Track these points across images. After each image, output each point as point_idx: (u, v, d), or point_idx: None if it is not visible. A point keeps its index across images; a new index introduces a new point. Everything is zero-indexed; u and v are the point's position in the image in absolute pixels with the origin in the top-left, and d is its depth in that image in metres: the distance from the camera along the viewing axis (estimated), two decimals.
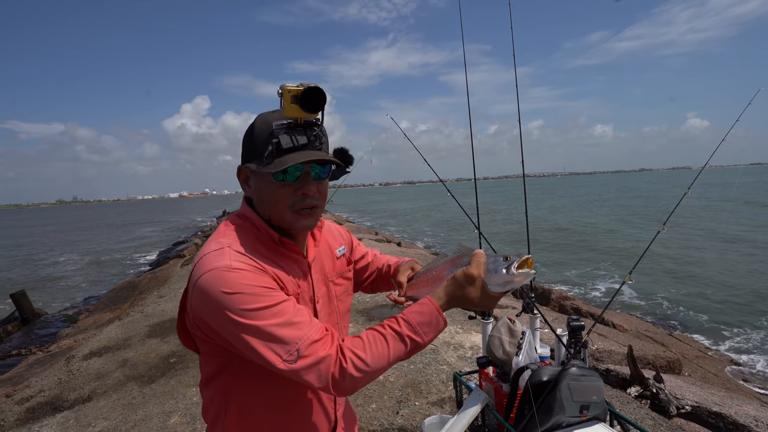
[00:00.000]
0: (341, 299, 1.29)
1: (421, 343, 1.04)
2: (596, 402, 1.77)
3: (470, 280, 1.07)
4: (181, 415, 3.78)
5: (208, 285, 0.95)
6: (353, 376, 0.98)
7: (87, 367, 5.49)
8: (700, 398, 3.92)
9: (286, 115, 1.02)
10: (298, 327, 0.97)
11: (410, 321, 1.03)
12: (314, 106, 1.02)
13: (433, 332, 1.05)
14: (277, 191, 1.06)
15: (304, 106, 1.01)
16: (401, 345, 1.02)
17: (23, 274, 22.59)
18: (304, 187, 1.07)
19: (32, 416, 4.33)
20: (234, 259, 0.99)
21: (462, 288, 1.07)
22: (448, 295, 1.08)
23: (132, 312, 8.24)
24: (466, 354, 4.55)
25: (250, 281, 0.96)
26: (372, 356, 0.99)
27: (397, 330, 1.03)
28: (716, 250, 17.69)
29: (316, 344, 0.97)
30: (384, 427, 3.31)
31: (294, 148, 1.03)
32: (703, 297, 11.63)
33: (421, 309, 1.05)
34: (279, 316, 0.96)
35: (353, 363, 0.98)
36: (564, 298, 9.40)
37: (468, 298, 1.07)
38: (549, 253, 19.03)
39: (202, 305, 0.98)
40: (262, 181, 1.08)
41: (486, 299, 1.08)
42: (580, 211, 39.05)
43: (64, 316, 11.89)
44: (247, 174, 1.12)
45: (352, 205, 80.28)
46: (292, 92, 1.00)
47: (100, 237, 43.46)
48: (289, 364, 0.95)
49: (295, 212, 1.08)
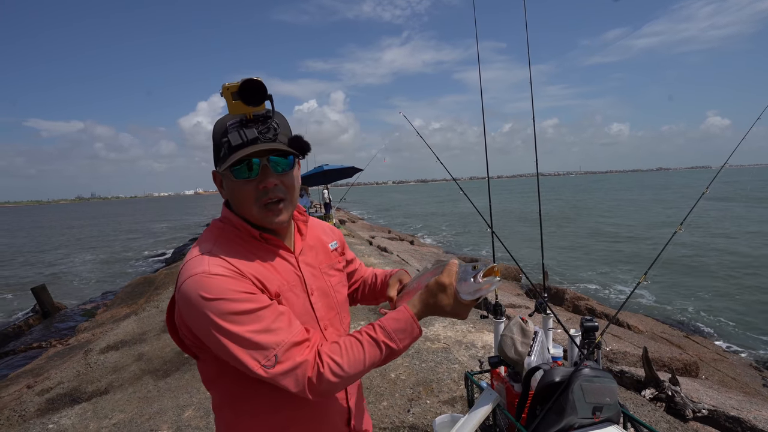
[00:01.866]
0: (337, 290, 1.29)
1: (396, 349, 1.05)
2: (609, 404, 1.75)
3: (442, 287, 1.08)
4: (194, 409, 3.84)
5: (189, 291, 0.97)
6: (330, 380, 1.00)
7: (104, 361, 5.60)
8: (717, 402, 3.86)
9: (232, 113, 1.03)
10: (276, 333, 0.99)
11: (386, 327, 1.05)
12: (255, 98, 1.01)
13: (408, 339, 1.06)
14: (241, 189, 1.07)
15: (246, 100, 1.00)
16: (377, 351, 1.04)
17: (43, 269, 23.08)
18: (264, 181, 1.06)
19: (52, 407, 4.44)
20: (213, 264, 1.00)
21: (434, 296, 1.09)
22: (422, 303, 1.09)
23: (148, 307, 8.38)
24: (478, 353, 4.53)
25: (230, 286, 0.97)
26: (348, 361, 1.01)
27: (374, 336, 1.04)
28: (733, 251, 17.33)
29: (293, 349, 0.99)
30: (395, 425, 3.32)
31: (243, 144, 1.03)
32: (721, 299, 11.41)
33: (397, 316, 1.07)
34: (257, 322, 0.98)
35: (330, 368, 1.00)
36: (578, 299, 9.32)
37: (440, 305, 1.08)
38: (571, 252, 18.85)
39: (185, 311, 1.00)
40: (228, 181, 1.09)
41: (457, 307, 1.09)
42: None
43: (82, 311, 12.13)
44: (219, 178, 1.14)
45: (365, 203, 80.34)
46: (231, 89, 0.99)
47: (118, 233, 44.18)
48: (267, 369, 0.97)
49: (261, 207, 1.08)
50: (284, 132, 1.10)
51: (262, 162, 1.06)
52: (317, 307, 1.19)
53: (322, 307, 1.21)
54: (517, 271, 11.65)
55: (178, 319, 1.08)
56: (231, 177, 1.06)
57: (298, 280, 1.17)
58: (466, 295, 1.07)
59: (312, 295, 1.19)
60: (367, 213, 50.61)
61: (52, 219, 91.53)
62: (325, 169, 15.14)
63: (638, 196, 59.42)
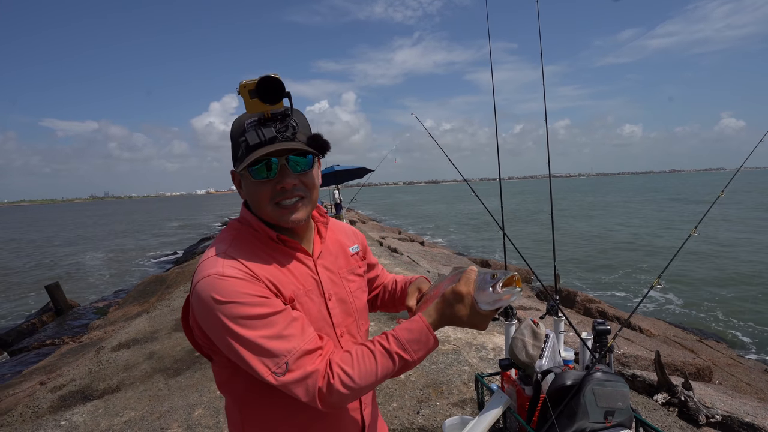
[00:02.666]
0: (356, 296, 1.25)
1: (410, 360, 1.01)
2: (621, 408, 1.73)
3: (459, 297, 1.03)
4: (205, 408, 3.86)
5: (202, 292, 0.96)
6: (340, 392, 0.97)
7: (116, 359, 5.66)
8: (731, 408, 3.79)
9: (250, 112, 1.01)
10: (288, 339, 0.97)
11: (399, 338, 1.01)
12: (273, 97, 0.99)
13: (423, 350, 1.02)
14: (258, 189, 1.05)
15: (263, 98, 0.98)
16: (389, 362, 1.00)
17: (56, 266, 23.41)
18: (282, 181, 1.04)
19: (64, 404, 4.49)
20: (227, 266, 0.99)
21: (451, 306, 1.04)
22: (438, 313, 1.05)
23: (159, 306, 8.45)
24: (488, 355, 4.51)
25: (243, 289, 0.96)
26: (360, 373, 0.98)
27: (386, 347, 1.01)
28: (750, 253, 17.06)
29: (304, 358, 0.97)
30: (404, 426, 3.31)
31: (261, 144, 1.01)
32: (736, 302, 11.23)
33: (411, 326, 1.02)
34: (270, 328, 0.96)
35: (340, 379, 0.97)
36: (590, 301, 9.23)
37: (457, 315, 1.04)
38: (582, 256, 18.70)
39: (198, 312, 0.99)
40: (246, 181, 1.08)
41: (475, 317, 1.04)
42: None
43: (95, 308, 12.27)
44: (237, 178, 1.12)
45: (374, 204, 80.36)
46: (248, 86, 0.98)
47: (131, 232, 44.68)
48: (278, 377, 0.95)
49: (277, 206, 1.06)
50: (303, 130, 1.08)
51: (281, 161, 1.04)
52: (334, 313, 1.16)
53: (339, 313, 1.17)
54: (529, 273, 11.58)
55: (192, 319, 1.07)
56: (249, 177, 1.05)
57: (315, 284, 1.14)
58: (484, 305, 1.03)
59: (329, 301, 1.15)
60: (378, 213, 50.64)
61: (66, 217, 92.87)
62: (336, 169, 15.18)
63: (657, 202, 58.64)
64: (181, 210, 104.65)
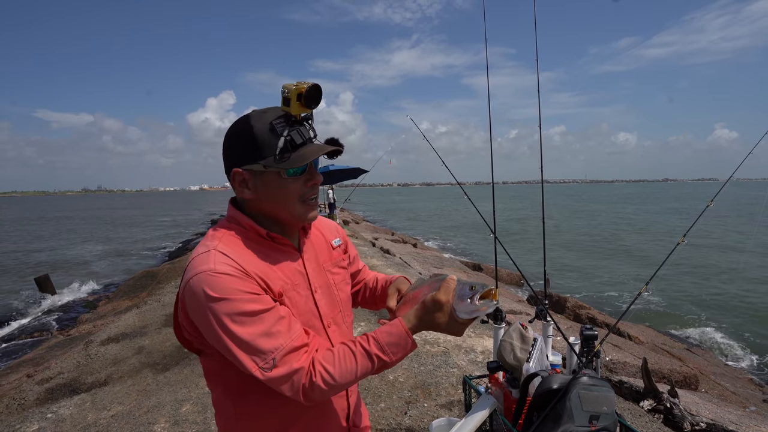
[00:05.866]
0: (340, 288, 1.31)
1: (388, 362, 1.07)
2: (606, 413, 1.75)
3: (438, 306, 1.09)
4: (192, 404, 3.85)
5: (195, 287, 0.99)
6: (321, 388, 1.02)
7: (104, 353, 5.63)
8: (716, 416, 3.83)
9: (294, 113, 1.07)
10: (276, 337, 1.01)
11: (380, 341, 1.06)
12: (315, 103, 1.07)
13: (401, 353, 1.07)
14: (288, 186, 1.10)
15: (307, 103, 1.06)
16: (369, 363, 1.05)
17: (46, 258, 23.20)
18: (313, 178, 1.13)
19: (51, 397, 4.47)
20: (219, 262, 1.01)
21: (430, 313, 1.09)
22: (418, 319, 1.10)
23: (150, 300, 8.41)
24: (477, 358, 4.53)
25: (234, 286, 0.99)
26: (340, 372, 1.04)
27: (366, 348, 1.06)
28: (740, 263, 17.23)
29: (291, 355, 1.01)
30: (392, 426, 3.32)
31: (305, 143, 1.08)
32: (725, 312, 11.34)
33: (391, 330, 1.08)
34: (259, 325, 1.00)
35: (322, 377, 1.02)
36: (579, 307, 9.29)
37: (435, 322, 1.09)
38: (577, 259, 18.80)
39: (189, 307, 1.03)
40: (269, 179, 1.09)
41: (452, 325, 1.10)
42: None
43: (84, 302, 12.20)
44: (245, 176, 1.10)
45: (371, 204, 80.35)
46: (298, 90, 1.04)
47: (122, 226, 44.37)
48: (265, 372, 1.00)
49: (303, 204, 1.13)
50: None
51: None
52: (321, 305, 1.21)
53: (325, 305, 1.22)
54: (519, 277, 11.63)
55: (182, 314, 1.09)
56: (278, 175, 1.08)
57: (302, 278, 1.18)
58: (462, 314, 1.08)
59: (316, 293, 1.20)
60: (371, 214, 50.62)
61: (58, 210, 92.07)
62: (330, 169, 15.14)
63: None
64: (175, 204, 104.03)
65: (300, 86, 1.04)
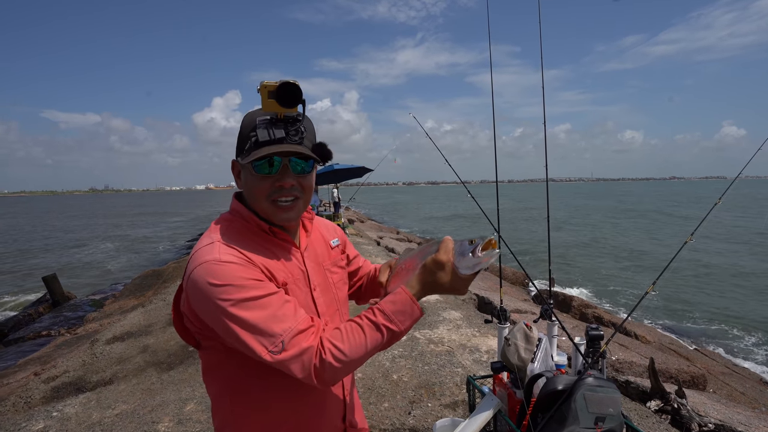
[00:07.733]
0: (339, 287, 1.32)
1: (397, 331, 1.06)
2: (612, 414, 1.72)
3: (440, 265, 1.09)
4: (196, 403, 3.85)
5: (198, 278, 1.00)
6: (333, 365, 1.01)
7: (110, 351, 5.65)
8: (724, 416, 3.79)
9: (265, 110, 1.08)
10: (283, 319, 1.01)
11: (385, 310, 1.06)
12: (290, 101, 1.05)
13: (408, 320, 1.07)
14: (257, 183, 1.11)
15: (281, 102, 1.04)
16: (378, 334, 1.05)
17: (55, 258, 23.37)
18: (282, 180, 1.11)
19: (57, 395, 4.49)
20: (223, 252, 1.03)
21: (433, 274, 1.10)
22: (421, 283, 1.10)
23: (155, 299, 8.44)
24: (481, 358, 4.50)
25: (239, 273, 1.00)
26: (350, 346, 1.02)
27: (373, 320, 1.06)
28: (749, 261, 17.07)
29: (299, 336, 1.01)
30: (395, 426, 3.31)
31: (270, 142, 1.07)
32: (733, 311, 11.24)
33: (395, 299, 1.08)
34: (265, 308, 1.00)
35: (332, 353, 1.01)
36: (585, 306, 9.22)
37: (439, 283, 1.10)
38: (582, 259, 18.70)
39: (194, 298, 1.03)
40: (246, 173, 1.13)
41: (456, 282, 1.10)
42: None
43: (91, 301, 12.27)
44: (238, 168, 1.16)
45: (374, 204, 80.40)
46: (268, 88, 1.04)
47: (129, 226, 44.63)
48: (274, 355, 0.99)
49: (272, 203, 1.12)
50: (309, 137, 1.14)
51: (284, 161, 1.10)
52: (319, 303, 1.22)
53: (323, 303, 1.24)
54: (524, 276, 11.57)
55: (185, 306, 1.10)
56: (251, 170, 1.10)
57: (302, 275, 1.20)
58: (465, 269, 1.08)
59: (314, 291, 1.22)
60: (376, 213, 50.61)
61: (66, 209, 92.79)
62: (335, 168, 15.13)
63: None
64: (181, 204, 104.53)
65: (273, 84, 1.04)
